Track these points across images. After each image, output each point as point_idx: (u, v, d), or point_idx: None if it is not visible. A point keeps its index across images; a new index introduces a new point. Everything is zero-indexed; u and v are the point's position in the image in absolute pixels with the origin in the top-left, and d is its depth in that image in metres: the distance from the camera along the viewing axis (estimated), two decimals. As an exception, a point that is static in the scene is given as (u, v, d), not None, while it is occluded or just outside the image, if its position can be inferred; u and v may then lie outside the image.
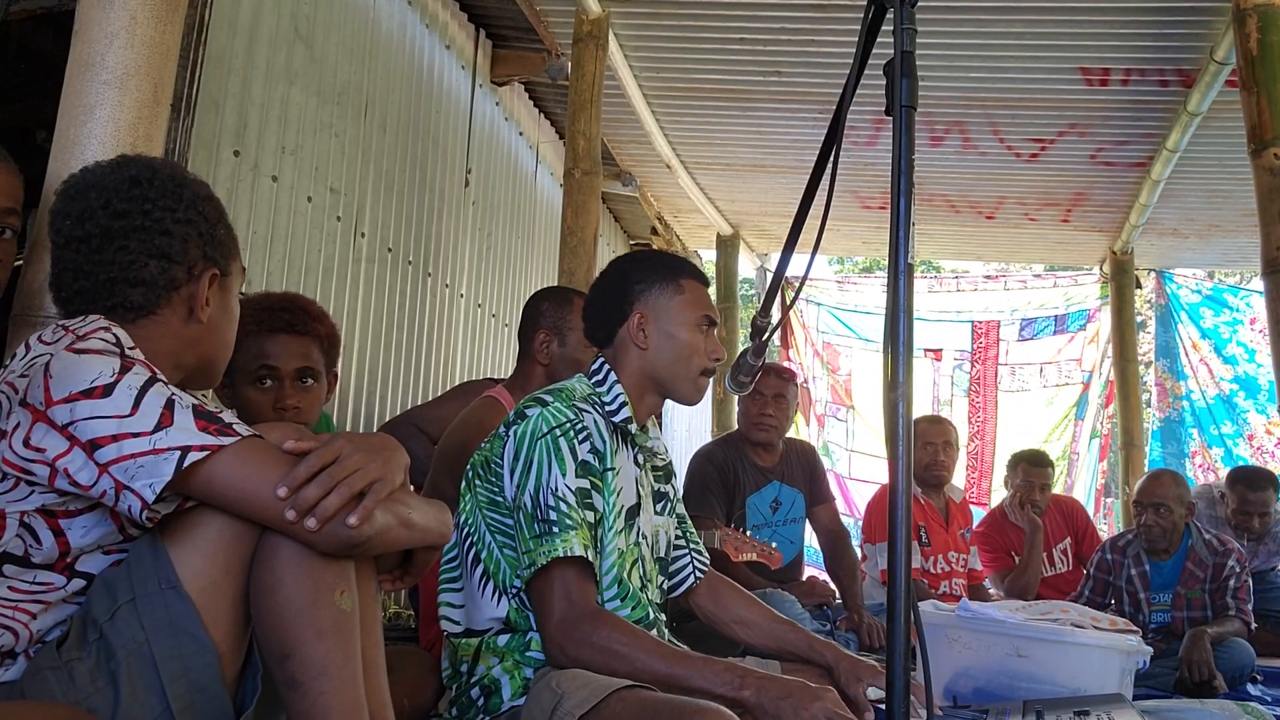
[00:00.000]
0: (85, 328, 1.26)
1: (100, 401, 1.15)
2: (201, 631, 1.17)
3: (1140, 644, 2.50)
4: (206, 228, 1.39)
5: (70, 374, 1.16)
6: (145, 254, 1.32)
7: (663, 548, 2.00)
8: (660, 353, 1.91)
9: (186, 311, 1.37)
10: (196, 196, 1.39)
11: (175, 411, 1.17)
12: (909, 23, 1.26)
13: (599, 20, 4.16)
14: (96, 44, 1.59)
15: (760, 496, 3.63)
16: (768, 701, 1.58)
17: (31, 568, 1.20)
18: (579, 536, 1.70)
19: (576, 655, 1.65)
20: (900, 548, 1.14)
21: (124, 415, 1.14)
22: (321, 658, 1.18)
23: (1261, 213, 3.24)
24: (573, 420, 1.79)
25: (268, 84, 3.25)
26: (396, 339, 4.16)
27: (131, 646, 1.16)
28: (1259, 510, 4.40)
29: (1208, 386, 7.02)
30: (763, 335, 1.90)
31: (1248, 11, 3.35)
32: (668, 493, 2.03)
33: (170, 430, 1.15)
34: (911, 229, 1.20)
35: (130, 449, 1.13)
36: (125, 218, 1.32)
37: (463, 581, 1.82)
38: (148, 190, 1.34)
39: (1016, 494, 4.60)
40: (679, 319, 1.91)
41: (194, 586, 1.18)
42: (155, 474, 1.13)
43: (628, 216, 7.36)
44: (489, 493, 1.80)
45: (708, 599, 2.08)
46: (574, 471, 1.75)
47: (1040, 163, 5.55)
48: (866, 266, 15.41)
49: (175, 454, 1.14)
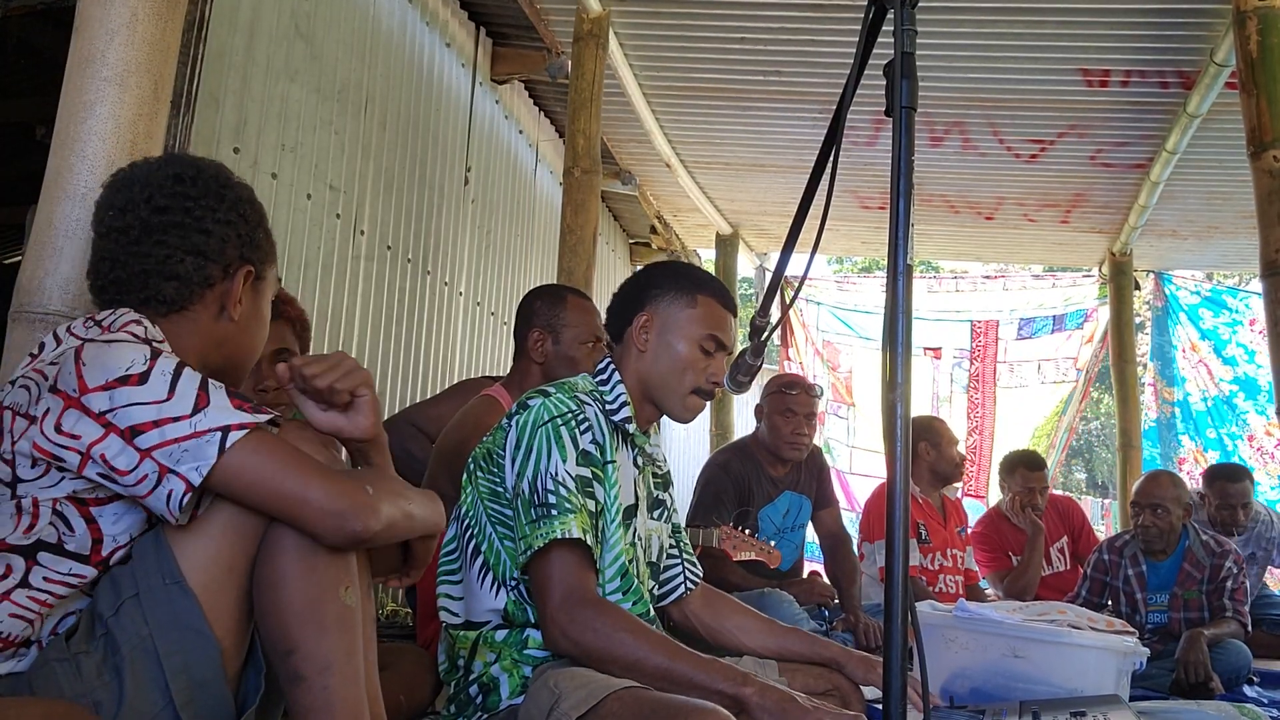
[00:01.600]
0: (117, 320, 1.28)
1: (137, 388, 1.17)
2: (205, 626, 1.18)
3: (1137, 645, 2.50)
4: (246, 229, 1.41)
5: (104, 361, 1.18)
6: (182, 249, 1.35)
7: (655, 553, 1.99)
8: (655, 360, 1.89)
9: (218, 309, 1.39)
10: (239, 199, 1.41)
11: (210, 392, 1.19)
12: (909, 24, 1.26)
13: (599, 19, 4.16)
14: (97, 40, 1.59)
15: (774, 508, 3.64)
16: (770, 704, 1.57)
17: (66, 557, 1.21)
18: (578, 520, 1.69)
19: (578, 639, 1.63)
20: (898, 548, 1.15)
21: (161, 400, 1.17)
22: (326, 653, 1.19)
23: (1260, 215, 3.24)
24: (574, 411, 1.78)
25: (268, 81, 3.25)
26: (395, 336, 4.16)
27: (135, 641, 1.17)
28: (1241, 501, 4.46)
29: (1207, 388, 7.01)
30: (761, 335, 1.89)
31: (1248, 14, 3.35)
32: (665, 501, 2.03)
33: (208, 411, 1.18)
34: (911, 230, 1.21)
35: (173, 433, 1.16)
36: (166, 213, 1.34)
37: (462, 573, 1.82)
38: (190, 188, 1.36)
39: (1015, 498, 4.59)
40: (682, 331, 1.88)
41: (198, 582, 1.19)
42: (200, 456, 1.16)
43: (627, 215, 7.36)
44: (490, 484, 1.80)
45: (704, 610, 2.06)
46: (575, 459, 1.74)
47: (1040, 163, 5.55)
48: (865, 266, 15.42)
49: (217, 435, 1.16)
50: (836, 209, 1.78)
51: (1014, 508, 4.59)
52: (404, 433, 3.17)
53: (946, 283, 8.43)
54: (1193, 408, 7.01)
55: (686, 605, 2.06)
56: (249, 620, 1.23)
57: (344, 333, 3.77)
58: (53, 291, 1.54)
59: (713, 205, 6.79)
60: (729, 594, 3.16)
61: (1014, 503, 4.59)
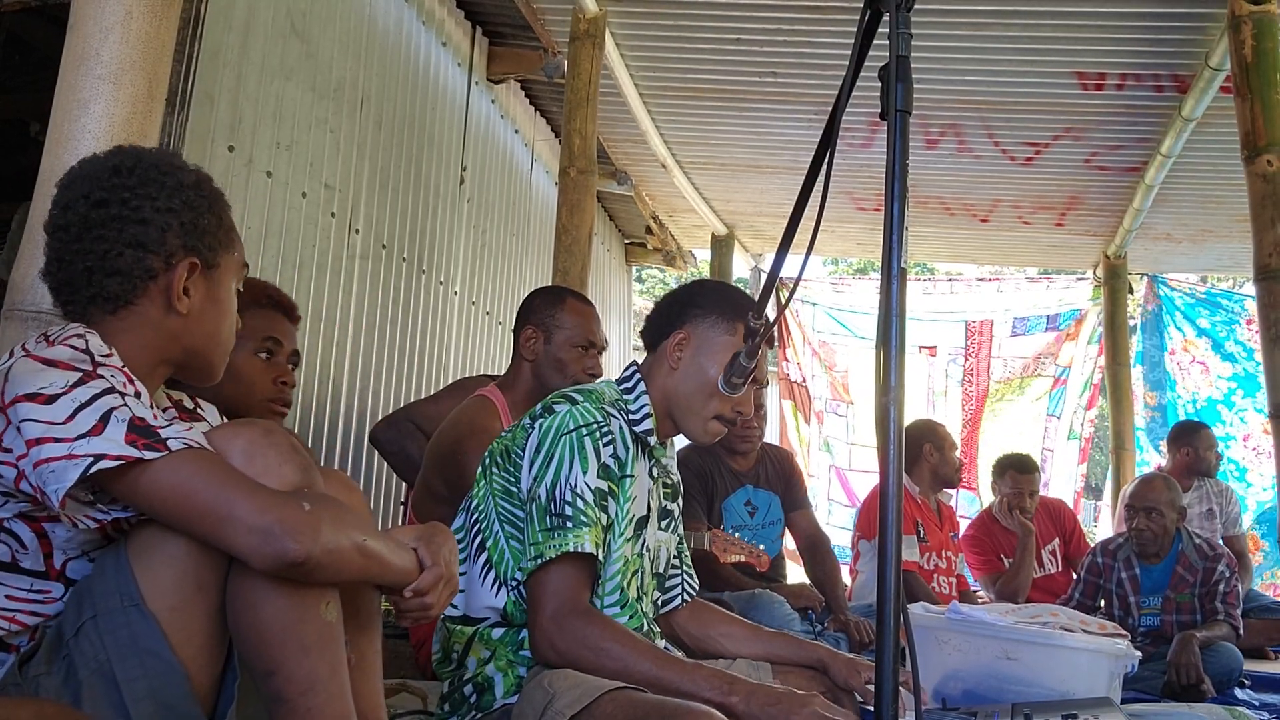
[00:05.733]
0: (60, 334, 1.23)
1: (41, 407, 1.12)
2: (167, 651, 1.13)
3: (1129, 648, 2.51)
4: (190, 216, 1.32)
5: (25, 378, 1.14)
6: (121, 243, 1.28)
7: (662, 564, 1.99)
8: (685, 379, 1.87)
9: (165, 303, 1.32)
10: (181, 185, 1.33)
11: (109, 424, 1.12)
12: (905, 27, 1.25)
13: (596, 19, 4.16)
14: (91, 38, 1.59)
15: (735, 499, 3.65)
16: (756, 708, 1.58)
17: (23, 574, 1.19)
18: (591, 535, 1.69)
19: (566, 650, 1.64)
20: (890, 549, 1.15)
21: (55, 422, 1.12)
22: (308, 673, 1.15)
23: (1254, 219, 3.25)
24: (600, 422, 1.77)
25: (263, 79, 3.25)
26: (389, 335, 4.16)
27: (93, 665, 1.13)
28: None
29: (1199, 389, 7.00)
30: (756, 336, 1.88)
31: (1243, 18, 3.36)
32: (673, 511, 2.02)
33: (93, 439, 1.11)
34: (905, 233, 1.21)
35: (47, 453, 1.10)
36: (104, 206, 1.29)
37: (466, 566, 1.82)
38: (128, 179, 1.30)
39: (1004, 500, 4.61)
40: (716, 356, 1.86)
41: (162, 605, 1.14)
42: (62, 478, 1.09)
43: (623, 215, 7.37)
44: (504, 481, 1.79)
45: (690, 621, 2.06)
46: (595, 472, 1.74)
47: (1035, 166, 5.56)
48: (860, 268, 15.43)
49: (86, 460, 1.10)
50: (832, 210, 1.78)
51: (1003, 510, 4.61)
52: (403, 429, 3.18)
53: (941, 285, 8.45)
54: (1180, 408, 6.99)
55: (674, 617, 2.06)
56: (223, 636, 1.18)
57: (338, 332, 3.77)
58: (45, 290, 1.53)
59: (708, 206, 6.79)
60: (721, 593, 3.19)
61: (1003, 505, 4.61)
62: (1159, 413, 7.03)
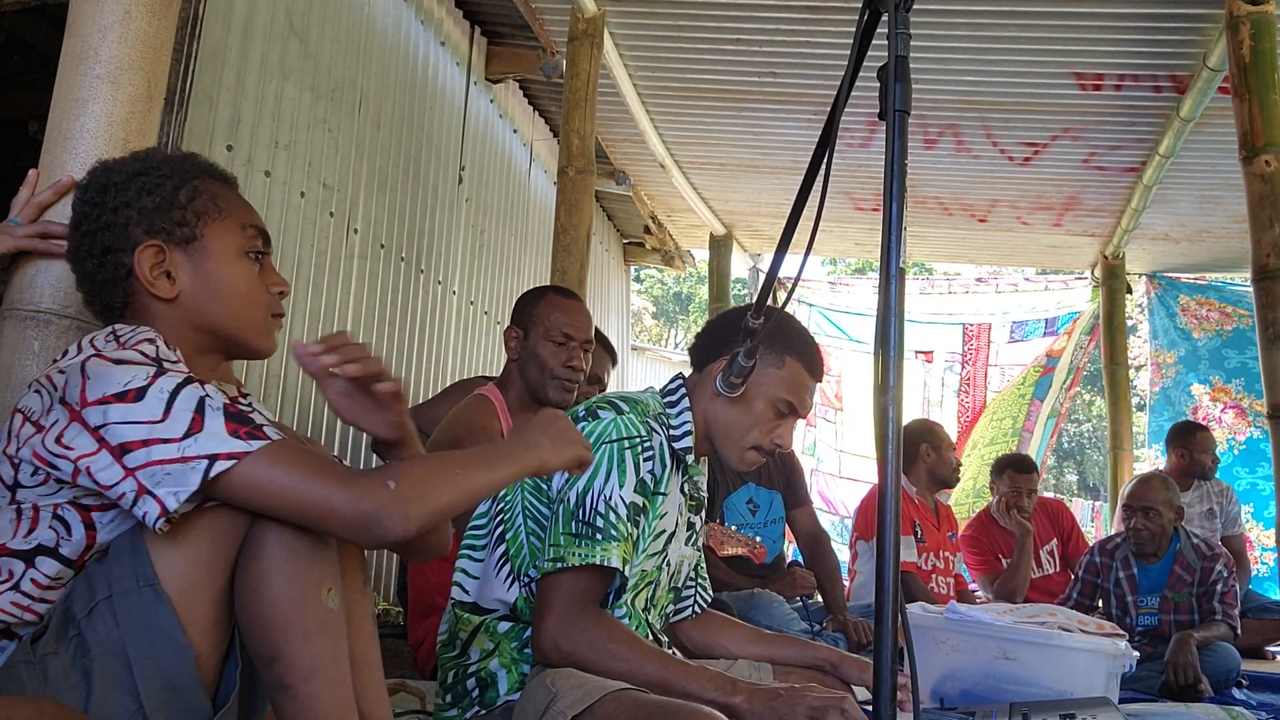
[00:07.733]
0: (133, 337, 1.25)
1: (132, 406, 1.15)
2: (178, 632, 1.15)
3: (1127, 648, 2.51)
4: (147, 201, 1.33)
5: (106, 376, 1.16)
6: (95, 254, 1.33)
7: (681, 578, 1.99)
8: (728, 406, 1.86)
9: (151, 293, 1.33)
10: (131, 174, 1.34)
11: (206, 415, 1.15)
12: (903, 27, 1.26)
13: (595, 19, 4.16)
14: (90, 38, 1.58)
15: (736, 496, 3.65)
16: (760, 706, 1.58)
17: (58, 560, 1.20)
18: (620, 550, 1.68)
19: (570, 651, 1.64)
20: (889, 549, 1.15)
21: (155, 421, 1.14)
22: (310, 660, 1.17)
23: (1252, 219, 3.26)
24: (643, 437, 1.76)
25: (261, 79, 3.25)
26: (388, 335, 4.16)
27: (106, 645, 1.15)
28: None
29: (1222, 324, 6.87)
30: (754, 337, 1.88)
31: (1241, 19, 3.37)
32: (695, 524, 2.02)
33: (199, 437, 1.14)
34: (904, 234, 1.21)
35: (159, 455, 1.13)
36: (79, 227, 1.35)
37: (483, 554, 1.81)
38: (87, 193, 1.36)
39: (1003, 500, 4.62)
40: (761, 388, 1.85)
41: (174, 585, 1.16)
42: (181, 483, 1.12)
43: (621, 215, 7.37)
44: (536, 477, 1.78)
45: (693, 628, 2.06)
46: (633, 486, 1.73)
47: (1033, 166, 5.56)
48: (859, 268, 15.44)
49: (203, 463, 1.13)
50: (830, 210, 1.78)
51: (1001, 510, 4.61)
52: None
53: (939, 284, 8.45)
54: (1199, 349, 6.87)
55: (678, 625, 2.06)
56: (229, 621, 1.20)
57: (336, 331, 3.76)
58: (44, 289, 1.53)
59: (707, 206, 6.79)
60: (719, 593, 3.19)
61: (1001, 505, 4.61)
62: (1177, 366, 6.94)
